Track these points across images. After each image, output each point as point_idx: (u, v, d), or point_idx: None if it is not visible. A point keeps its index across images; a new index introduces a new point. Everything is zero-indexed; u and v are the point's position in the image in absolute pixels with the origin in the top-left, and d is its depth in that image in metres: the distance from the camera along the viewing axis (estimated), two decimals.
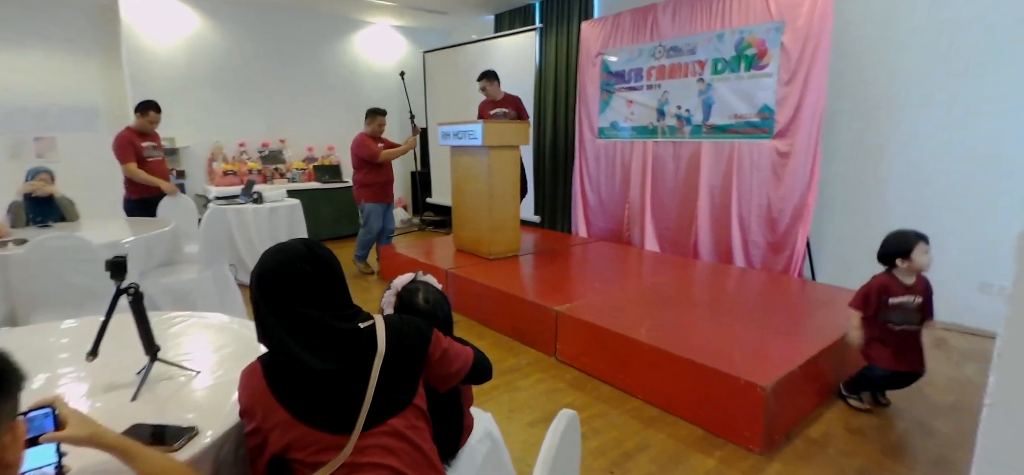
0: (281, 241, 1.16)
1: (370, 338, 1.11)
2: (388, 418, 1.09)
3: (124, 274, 1.26)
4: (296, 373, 1.06)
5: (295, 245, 1.13)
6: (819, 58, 3.75)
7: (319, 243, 1.17)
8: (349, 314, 1.14)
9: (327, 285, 1.12)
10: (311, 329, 1.07)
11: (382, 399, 1.09)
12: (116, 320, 1.32)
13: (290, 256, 1.10)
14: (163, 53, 5.74)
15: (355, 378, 1.08)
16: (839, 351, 2.70)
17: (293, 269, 1.08)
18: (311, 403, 1.06)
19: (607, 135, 5.32)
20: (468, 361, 1.27)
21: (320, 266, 1.12)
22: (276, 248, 1.13)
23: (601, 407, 2.63)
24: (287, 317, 1.07)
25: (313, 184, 6.39)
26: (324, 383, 1.06)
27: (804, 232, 3.93)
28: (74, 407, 0.89)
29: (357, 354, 1.09)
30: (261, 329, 1.10)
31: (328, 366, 1.06)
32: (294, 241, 1.15)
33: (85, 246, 2.55)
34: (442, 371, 1.21)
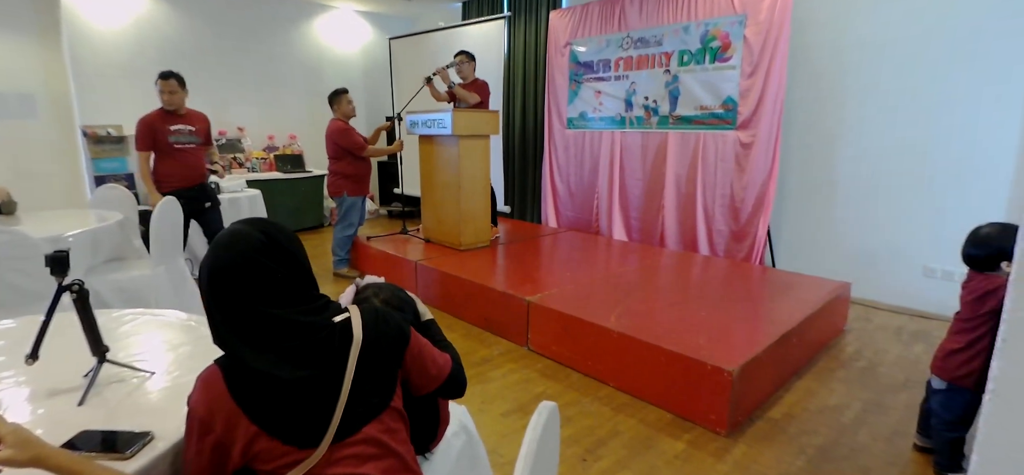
0: (234, 226, 0.99)
1: (344, 332, 0.99)
2: (363, 425, 0.99)
3: (66, 270, 1.17)
4: (261, 380, 0.94)
5: (250, 233, 0.97)
6: (779, 51, 3.84)
7: (277, 225, 1.02)
8: (318, 306, 1.02)
9: (291, 277, 0.98)
10: (276, 331, 0.94)
11: (357, 403, 0.99)
12: (60, 320, 1.23)
13: (245, 248, 0.95)
14: (108, 36, 5.41)
15: (329, 380, 0.97)
16: (801, 334, 2.79)
17: (250, 264, 0.94)
18: (280, 413, 0.94)
19: (576, 125, 5.33)
20: (445, 369, 1.17)
21: (282, 256, 0.98)
22: (228, 238, 0.96)
23: (573, 395, 2.64)
24: (246, 320, 0.94)
25: (274, 174, 6.18)
26: (295, 391, 0.95)
27: (765, 221, 4.04)
28: (13, 423, 0.80)
29: (330, 353, 0.98)
30: (215, 333, 0.96)
31: (299, 374, 0.94)
32: (247, 227, 0.98)
33: (23, 241, 2.37)
34: (416, 370, 1.11)
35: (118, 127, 5.45)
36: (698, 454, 2.17)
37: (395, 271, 4.29)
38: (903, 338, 3.31)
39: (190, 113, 3.61)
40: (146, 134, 3.43)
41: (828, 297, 3.16)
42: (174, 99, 3.46)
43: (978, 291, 1.86)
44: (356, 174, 4.44)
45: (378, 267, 4.50)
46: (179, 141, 3.50)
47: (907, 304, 3.74)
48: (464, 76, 4.49)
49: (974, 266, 1.91)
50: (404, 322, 1.11)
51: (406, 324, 1.11)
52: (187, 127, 3.54)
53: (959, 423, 1.94)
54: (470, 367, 2.92)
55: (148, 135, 3.44)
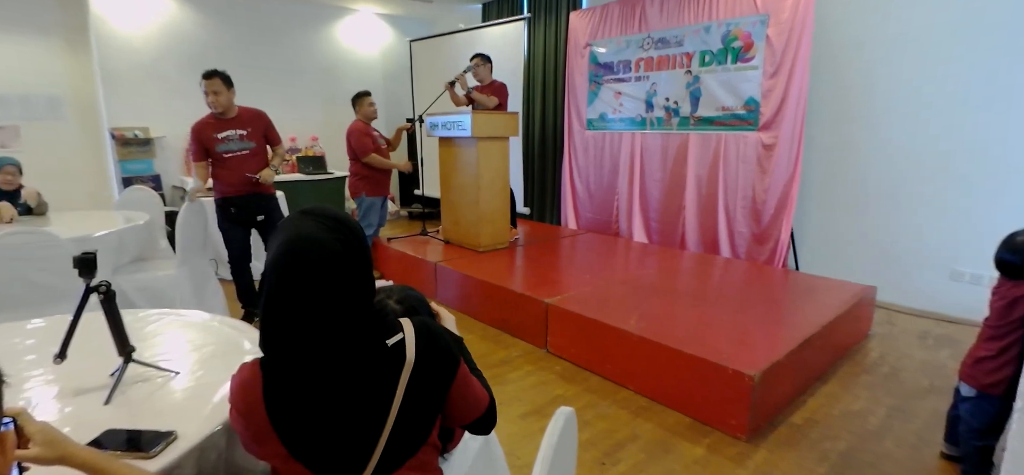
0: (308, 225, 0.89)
1: (397, 352, 0.93)
2: (404, 461, 0.93)
3: (94, 271, 1.20)
4: (301, 393, 0.88)
5: (328, 242, 0.87)
6: (802, 51, 3.76)
7: (352, 228, 0.93)
8: (375, 319, 0.94)
9: (359, 291, 0.91)
10: (329, 339, 0.88)
11: (401, 434, 0.92)
12: (88, 320, 1.26)
13: (324, 257, 0.87)
14: (135, 39, 5.54)
15: (374, 406, 0.90)
16: (824, 338, 2.73)
17: (324, 276, 0.86)
18: (316, 438, 0.89)
19: (596, 126, 5.30)
20: (483, 404, 1.08)
21: (355, 269, 0.89)
22: (304, 244, 0.86)
23: (591, 398, 2.62)
24: (304, 330, 0.87)
25: (296, 175, 6.26)
26: (335, 414, 0.89)
27: (788, 223, 3.96)
28: (42, 422, 0.82)
29: (381, 372, 0.91)
30: (267, 336, 0.89)
31: (344, 390, 0.89)
32: (326, 231, 0.88)
33: (51, 241, 2.44)
34: (459, 401, 1.02)
35: (144, 129, 5.59)
36: (717, 459, 2.13)
37: (415, 272, 4.31)
38: (928, 343, 3.21)
39: (242, 113, 3.27)
40: (196, 142, 3.19)
41: (852, 301, 3.08)
42: (219, 100, 3.13)
43: (1008, 297, 1.81)
44: (372, 175, 4.42)
45: (398, 268, 4.53)
46: (228, 150, 3.20)
47: (933, 308, 3.63)
48: (481, 78, 4.49)
49: (1007, 273, 1.84)
50: (456, 343, 1.04)
51: (457, 346, 1.04)
52: (236, 132, 3.23)
53: (988, 432, 1.88)
54: (488, 368, 2.93)
55: (198, 144, 3.19)
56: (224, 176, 3.25)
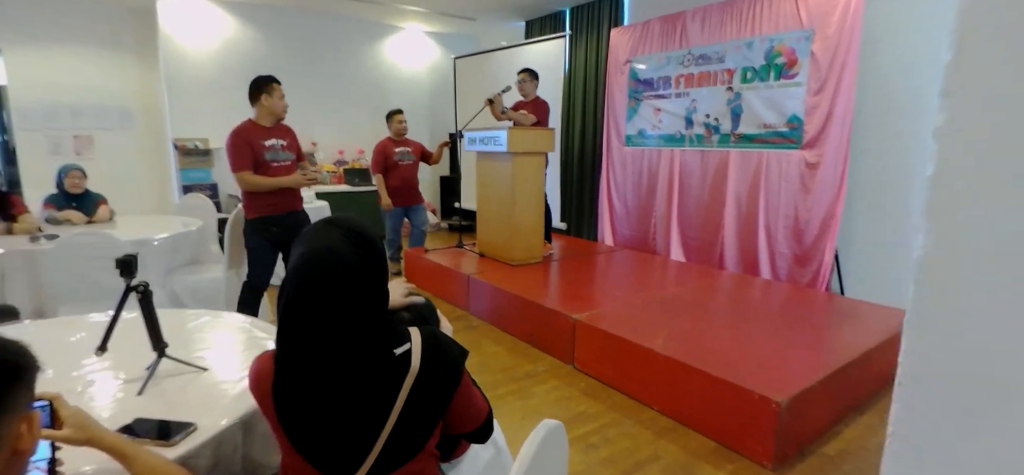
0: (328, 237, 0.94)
1: (403, 361, 0.97)
2: (401, 464, 0.97)
3: (134, 273, 1.31)
4: (308, 392, 0.94)
5: (346, 255, 0.92)
6: (849, 67, 3.62)
7: (370, 240, 0.97)
8: (387, 328, 0.99)
9: (373, 301, 0.95)
10: (339, 346, 0.92)
11: (400, 438, 0.96)
12: (137, 317, 1.37)
13: (340, 269, 0.91)
14: (197, 56, 5.94)
15: (376, 409, 0.95)
16: (863, 366, 2.59)
17: (340, 288, 0.90)
18: (319, 435, 0.94)
19: (634, 142, 5.26)
20: (482, 416, 1.12)
21: (370, 281, 0.94)
22: (322, 255, 0.91)
23: (614, 416, 2.59)
24: (314, 337, 0.92)
25: (342, 187, 6.52)
26: (338, 413, 0.94)
27: (831, 244, 3.79)
28: (74, 407, 0.91)
29: (385, 380, 0.96)
30: (282, 338, 0.95)
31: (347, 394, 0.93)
32: (344, 242, 0.93)
33: (112, 243, 2.66)
34: (460, 411, 1.07)
35: (204, 140, 5.97)
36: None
37: (448, 284, 4.39)
38: None
39: (280, 126, 3.12)
40: (243, 149, 2.89)
41: (898, 328, 2.90)
42: (284, 105, 3.04)
43: None
44: (389, 187, 4.82)
45: (432, 279, 4.63)
46: (276, 159, 3.00)
47: None
48: (525, 94, 4.56)
49: None
50: (461, 356, 1.07)
51: (462, 358, 1.07)
52: (279, 141, 3.05)
53: None
54: (513, 381, 2.95)
55: (245, 150, 2.89)
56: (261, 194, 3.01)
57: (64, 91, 5.66)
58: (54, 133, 5.64)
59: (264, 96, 2.97)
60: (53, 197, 3.53)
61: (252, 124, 3.02)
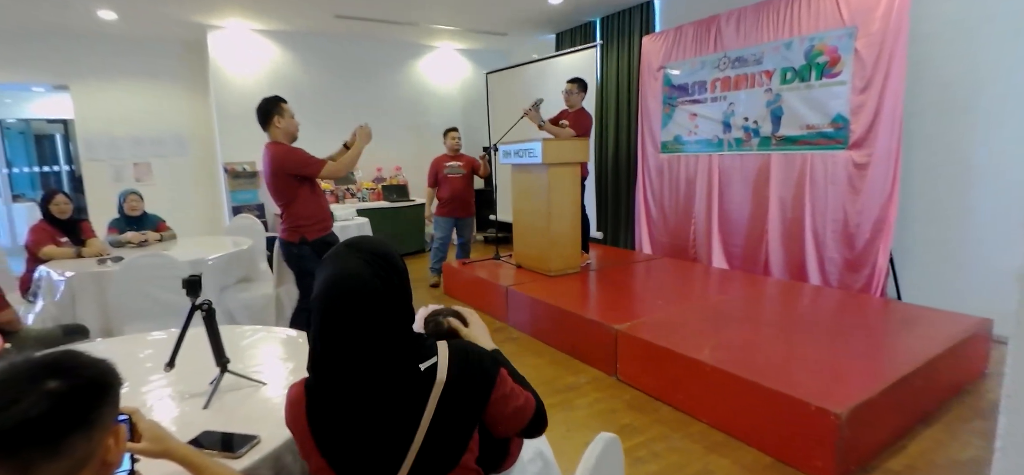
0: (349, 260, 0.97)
1: (429, 375, 0.99)
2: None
3: (199, 291, 1.37)
4: (339, 412, 0.97)
5: (368, 279, 0.95)
6: (896, 62, 3.48)
7: (392, 263, 1.01)
8: (412, 346, 1.01)
9: (396, 320, 0.98)
10: (366, 371, 0.96)
11: (431, 451, 0.98)
12: (196, 333, 1.44)
13: (361, 291, 0.95)
14: (244, 83, 6.22)
15: (405, 423, 0.97)
16: (928, 376, 2.46)
17: (362, 310, 0.94)
18: (352, 451, 0.97)
19: (670, 149, 5.19)
20: (529, 407, 1.12)
21: (393, 301, 0.97)
22: (344, 279, 0.95)
23: (662, 429, 2.54)
24: (344, 355, 0.96)
25: (381, 203, 6.67)
26: (369, 429, 0.97)
27: (885, 247, 3.63)
28: (151, 420, 0.97)
29: (413, 394, 0.98)
30: (313, 359, 1.00)
31: (377, 412, 0.96)
32: (364, 265, 0.97)
33: (172, 263, 2.79)
34: (500, 414, 1.06)
35: (252, 163, 6.23)
36: None
37: (486, 295, 4.41)
38: None
39: None
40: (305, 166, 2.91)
41: (963, 335, 2.75)
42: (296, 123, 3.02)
43: None
44: (439, 198, 5.18)
45: (471, 291, 4.66)
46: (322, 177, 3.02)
47: None
48: (571, 104, 4.56)
49: None
50: (493, 362, 1.08)
51: (494, 364, 1.07)
52: None
53: None
54: (555, 393, 2.92)
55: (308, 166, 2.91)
56: (322, 208, 3.04)
57: (125, 122, 6.05)
58: (116, 162, 6.02)
59: (276, 118, 2.90)
60: (116, 221, 3.75)
61: (287, 144, 2.97)
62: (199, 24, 5.71)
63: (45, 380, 0.67)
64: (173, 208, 5.49)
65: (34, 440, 0.65)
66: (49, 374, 0.68)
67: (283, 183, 2.88)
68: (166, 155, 6.29)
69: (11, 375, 0.67)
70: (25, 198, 8.23)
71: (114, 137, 6.01)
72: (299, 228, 2.93)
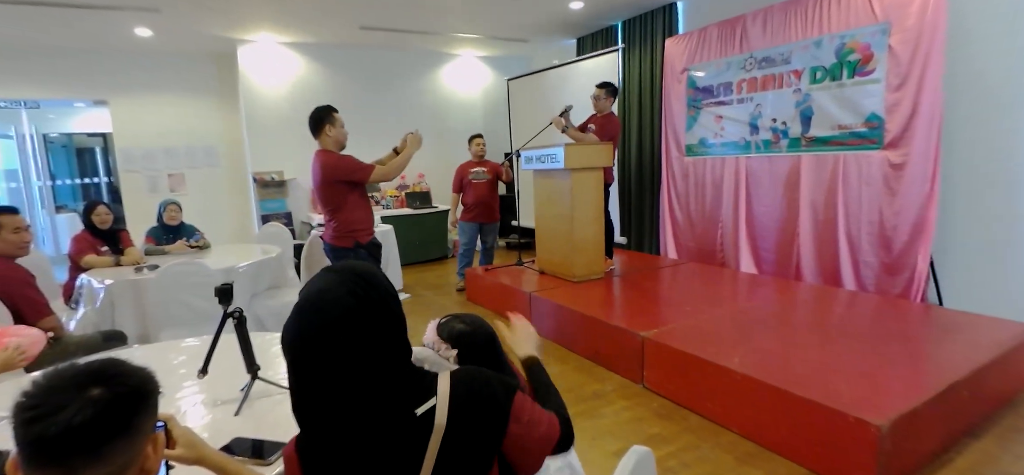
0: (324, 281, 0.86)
1: (425, 419, 0.86)
2: None
3: (231, 299, 1.39)
4: (332, 467, 0.87)
5: (341, 297, 0.83)
6: (933, 59, 3.36)
7: (371, 279, 0.88)
8: (407, 382, 0.88)
9: (383, 346, 0.85)
10: (349, 412, 0.84)
11: None
12: (228, 340, 1.46)
13: (337, 314, 0.82)
14: (272, 94, 6.37)
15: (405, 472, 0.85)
16: (975, 385, 2.34)
17: (340, 334, 0.81)
18: None
19: (695, 152, 5.11)
20: (554, 431, 0.98)
21: (376, 321, 0.84)
22: (317, 300, 0.84)
23: (690, 439, 2.48)
24: (328, 395, 0.83)
25: (405, 210, 6.73)
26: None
27: (925, 251, 3.49)
28: (185, 427, 0.98)
29: (408, 444, 0.85)
30: (294, 405, 0.87)
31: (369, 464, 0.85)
32: (339, 284, 0.85)
33: (205, 271, 2.86)
34: (524, 447, 0.93)
35: (280, 172, 6.36)
36: None
37: (509, 301, 4.40)
38: None
39: None
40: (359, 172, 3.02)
41: (1013, 342, 2.62)
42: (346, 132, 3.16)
43: None
44: (464, 203, 5.23)
45: (494, 297, 4.66)
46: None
47: None
48: (600, 109, 4.55)
49: None
50: (505, 391, 0.93)
51: (507, 393, 0.92)
52: None
53: None
54: (581, 401, 2.89)
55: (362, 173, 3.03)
56: (370, 213, 3.13)
57: (160, 135, 6.28)
58: (152, 173, 6.24)
59: (328, 127, 3.00)
60: (153, 230, 3.87)
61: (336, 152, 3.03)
62: (230, 39, 5.88)
63: (89, 388, 0.69)
64: (205, 217, 5.65)
65: (78, 447, 0.66)
66: (93, 382, 0.69)
67: (334, 190, 2.96)
68: (198, 166, 6.49)
69: (57, 382, 0.69)
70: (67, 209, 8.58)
71: (150, 149, 6.23)
72: (352, 233, 3.00)
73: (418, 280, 5.91)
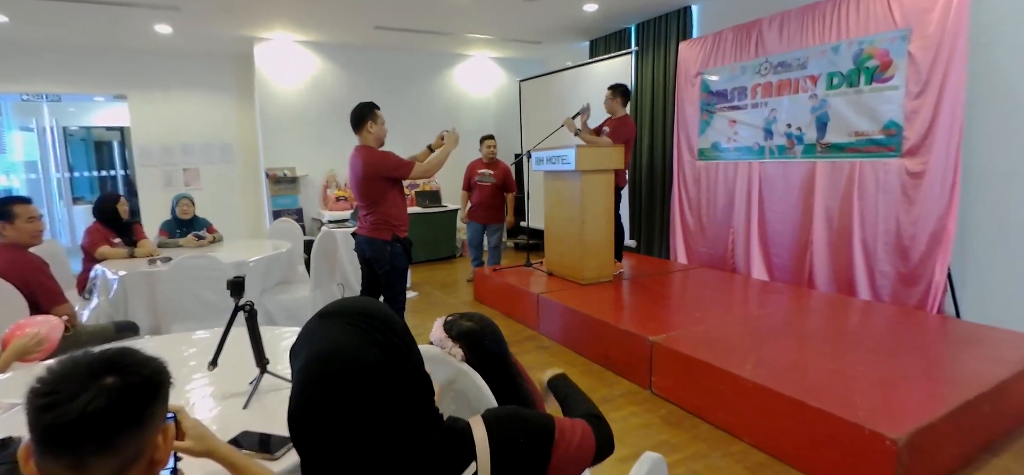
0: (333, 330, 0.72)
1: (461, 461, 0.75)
2: None
3: (242, 293, 1.39)
4: None
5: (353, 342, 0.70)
6: (955, 66, 3.30)
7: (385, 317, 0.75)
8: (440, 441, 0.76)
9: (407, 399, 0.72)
10: None
11: None
12: (238, 334, 1.46)
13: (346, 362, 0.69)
14: (287, 92, 6.42)
15: None
16: (995, 400, 2.29)
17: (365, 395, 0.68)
18: None
19: (708, 156, 5.06)
20: (590, 449, 0.92)
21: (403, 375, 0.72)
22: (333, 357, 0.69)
23: (700, 447, 2.45)
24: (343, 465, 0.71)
25: (415, 209, 6.73)
26: None
27: (943, 261, 3.42)
28: (194, 419, 0.98)
29: None
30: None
31: None
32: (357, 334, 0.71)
33: (217, 265, 2.87)
34: (567, 470, 0.87)
35: (292, 169, 6.40)
36: None
37: (518, 303, 4.39)
38: None
39: None
40: (401, 168, 3.06)
41: None
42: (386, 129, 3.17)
43: None
44: (471, 203, 5.33)
45: (502, 298, 4.64)
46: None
47: None
48: (611, 111, 4.53)
49: None
50: (543, 429, 0.84)
51: (545, 431, 0.84)
52: None
53: None
54: None
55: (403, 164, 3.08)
56: (406, 209, 3.16)
57: (177, 130, 6.36)
58: (167, 168, 6.33)
59: (370, 123, 3.05)
60: (167, 224, 3.91)
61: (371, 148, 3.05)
62: (247, 37, 5.93)
63: (103, 376, 0.68)
64: (219, 212, 5.70)
65: (91, 435, 0.65)
66: (107, 370, 0.69)
67: (374, 185, 3.01)
68: (214, 162, 6.56)
69: (71, 370, 0.68)
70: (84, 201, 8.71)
71: (166, 144, 6.31)
72: (391, 226, 3.06)
73: (427, 278, 5.92)
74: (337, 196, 6.45)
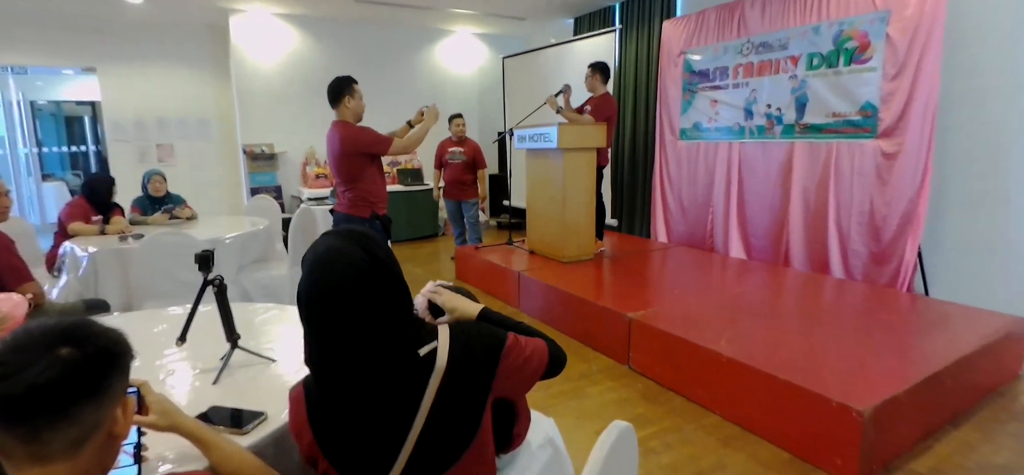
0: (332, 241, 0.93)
1: (428, 360, 0.94)
2: (440, 473, 0.94)
3: (211, 267, 1.37)
4: (339, 409, 0.94)
5: (351, 251, 0.91)
6: (931, 49, 3.34)
7: (374, 239, 0.96)
8: (410, 331, 0.96)
9: (391, 299, 0.93)
10: (361, 357, 0.90)
11: (433, 442, 0.92)
12: (211, 310, 1.44)
13: (347, 268, 0.89)
14: (264, 67, 6.27)
15: (403, 414, 0.92)
16: (958, 375, 2.37)
17: (353, 287, 0.88)
18: (352, 448, 0.94)
19: (689, 136, 5.09)
20: (543, 361, 1.06)
21: (383, 277, 0.92)
22: (327, 256, 0.90)
23: (675, 420, 2.50)
24: (339, 345, 0.90)
25: (396, 187, 6.67)
26: (367, 424, 0.93)
27: (914, 241, 3.51)
28: (159, 394, 0.96)
29: (411, 381, 0.93)
30: (307, 355, 0.95)
31: (372, 406, 0.92)
32: (347, 242, 0.92)
33: (191, 242, 2.82)
34: (513, 380, 1.02)
35: (270, 145, 6.28)
36: None
37: (499, 281, 4.40)
38: None
39: None
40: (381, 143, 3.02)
41: (996, 334, 2.65)
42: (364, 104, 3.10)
43: None
44: (444, 181, 5.36)
45: (484, 276, 4.65)
46: None
47: None
48: (591, 89, 4.51)
49: None
50: (499, 333, 1.02)
51: (501, 334, 1.02)
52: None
53: None
54: (567, 381, 2.90)
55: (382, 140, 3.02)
56: (385, 186, 3.14)
57: (150, 105, 6.15)
58: (141, 143, 6.14)
59: (347, 97, 2.97)
60: (139, 200, 3.82)
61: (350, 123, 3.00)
62: (222, 8, 5.74)
63: (58, 347, 0.67)
64: (195, 189, 5.57)
65: (43, 406, 0.64)
66: (62, 341, 0.68)
67: (352, 161, 2.94)
68: (190, 137, 6.38)
69: (24, 341, 0.67)
70: (55, 178, 8.45)
71: (140, 119, 6.11)
72: (370, 204, 3.01)
73: (409, 257, 5.89)
74: (317, 173, 6.35)
